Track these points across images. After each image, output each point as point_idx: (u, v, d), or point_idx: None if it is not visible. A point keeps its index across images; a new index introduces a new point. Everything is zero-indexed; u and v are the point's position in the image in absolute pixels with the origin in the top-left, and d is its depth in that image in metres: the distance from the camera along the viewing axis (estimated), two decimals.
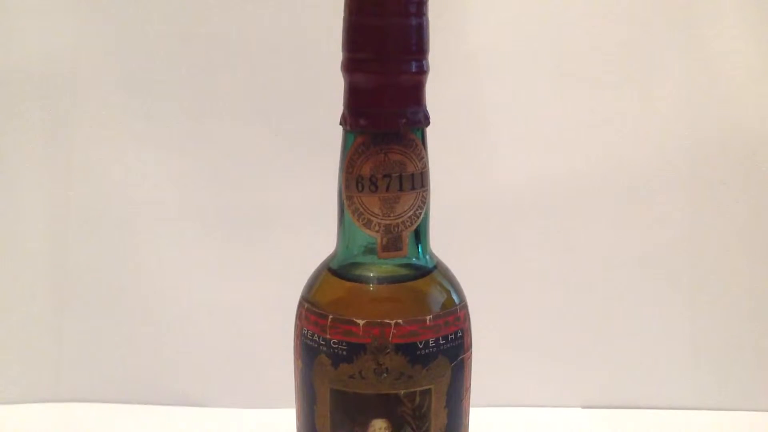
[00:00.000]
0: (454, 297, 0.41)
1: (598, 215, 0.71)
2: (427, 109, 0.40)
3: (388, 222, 0.39)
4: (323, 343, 0.39)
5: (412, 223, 0.39)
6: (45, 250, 0.72)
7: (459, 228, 0.70)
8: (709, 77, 0.69)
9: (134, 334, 0.73)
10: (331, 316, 0.39)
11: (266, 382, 0.71)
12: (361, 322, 0.39)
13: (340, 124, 0.39)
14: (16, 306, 0.72)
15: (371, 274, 0.40)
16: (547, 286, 0.72)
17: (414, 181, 0.39)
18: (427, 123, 0.39)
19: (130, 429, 0.69)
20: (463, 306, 0.42)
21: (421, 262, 0.41)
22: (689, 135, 0.70)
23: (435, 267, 0.42)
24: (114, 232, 0.72)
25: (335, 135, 0.40)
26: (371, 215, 0.39)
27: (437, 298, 0.41)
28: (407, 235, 0.39)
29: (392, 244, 0.39)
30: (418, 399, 0.39)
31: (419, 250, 0.41)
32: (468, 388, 0.42)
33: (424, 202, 0.40)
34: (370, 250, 0.40)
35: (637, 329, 0.73)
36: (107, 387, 0.73)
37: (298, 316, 0.42)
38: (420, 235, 0.41)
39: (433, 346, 0.39)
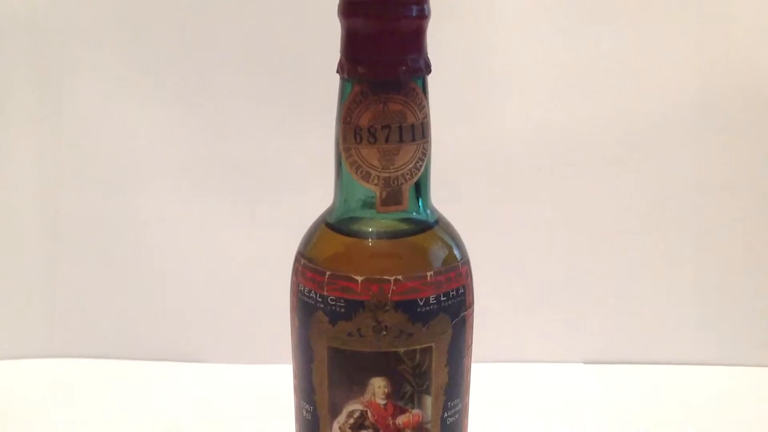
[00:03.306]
0: (456, 252, 0.40)
1: (602, 166, 0.71)
2: (428, 56, 0.38)
3: (387, 175, 0.38)
4: (320, 300, 0.39)
5: (412, 176, 0.38)
6: (37, 203, 0.71)
7: (461, 181, 0.70)
8: (719, 23, 0.68)
9: (128, 288, 0.72)
10: (328, 273, 0.38)
11: (263, 338, 0.71)
12: (359, 278, 0.38)
13: (337, 72, 0.38)
14: (8, 260, 0.72)
15: (370, 229, 0.40)
16: (550, 240, 0.72)
17: (414, 131, 0.38)
18: (429, 71, 0.38)
19: (124, 385, 0.69)
20: (465, 262, 0.41)
21: (422, 217, 0.40)
22: (697, 84, 0.69)
23: (436, 222, 0.41)
24: (107, 184, 0.71)
25: (333, 84, 0.39)
26: (370, 168, 0.38)
27: (438, 253, 0.40)
28: (407, 189, 0.38)
29: (392, 197, 0.38)
30: (418, 357, 0.38)
31: (420, 204, 0.40)
32: (469, 346, 0.42)
33: (425, 154, 0.39)
34: (368, 204, 0.39)
35: (640, 284, 0.73)
36: (101, 343, 0.73)
37: (295, 272, 0.41)
38: (420, 189, 0.40)
39: (433, 303, 0.38)
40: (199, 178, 0.71)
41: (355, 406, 0.39)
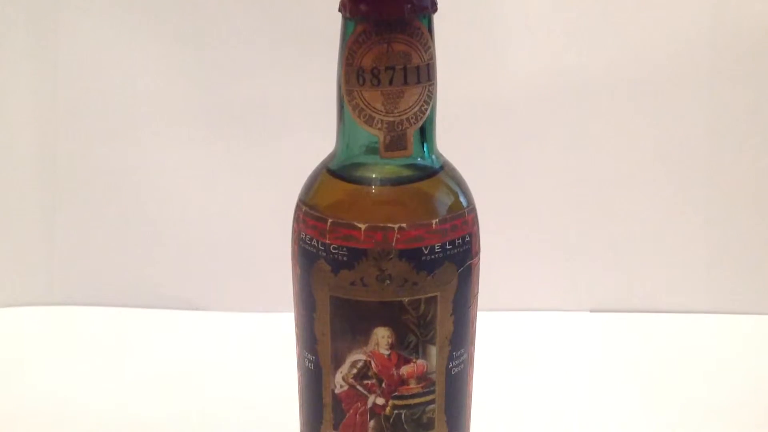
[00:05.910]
0: (462, 200, 0.40)
1: (612, 113, 0.70)
2: None
3: (391, 119, 0.37)
4: (322, 248, 0.38)
5: (417, 120, 0.37)
6: (34, 148, 0.71)
7: (468, 125, 0.69)
8: None
9: (128, 235, 0.72)
10: (330, 220, 0.38)
11: (264, 286, 0.71)
12: (362, 226, 0.37)
13: (339, 10, 0.37)
14: (6, 206, 0.72)
15: (373, 176, 0.39)
16: (558, 187, 0.71)
17: (420, 74, 0.36)
18: (435, 9, 0.37)
19: (124, 332, 0.70)
20: (471, 209, 0.40)
21: (427, 163, 0.39)
22: (710, 29, 0.68)
23: (441, 168, 0.40)
24: (106, 129, 0.70)
25: (335, 24, 0.38)
26: (373, 111, 0.36)
27: (444, 200, 0.39)
28: (412, 133, 0.37)
29: (396, 142, 0.37)
30: (422, 307, 0.38)
31: (425, 149, 0.39)
32: (475, 295, 0.41)
33: (431, 97, 0.37)
34: (371, 150, 0.38)
35: (648, 231, 0.72)
36: (100, 290, 0.73)
37: (296, 220, 0.40)
38: (426, 133, 0.39)
39: (439, 252, 0.37)
40: (199, 122, 0.70)
41: (358, 356, 0.38)
